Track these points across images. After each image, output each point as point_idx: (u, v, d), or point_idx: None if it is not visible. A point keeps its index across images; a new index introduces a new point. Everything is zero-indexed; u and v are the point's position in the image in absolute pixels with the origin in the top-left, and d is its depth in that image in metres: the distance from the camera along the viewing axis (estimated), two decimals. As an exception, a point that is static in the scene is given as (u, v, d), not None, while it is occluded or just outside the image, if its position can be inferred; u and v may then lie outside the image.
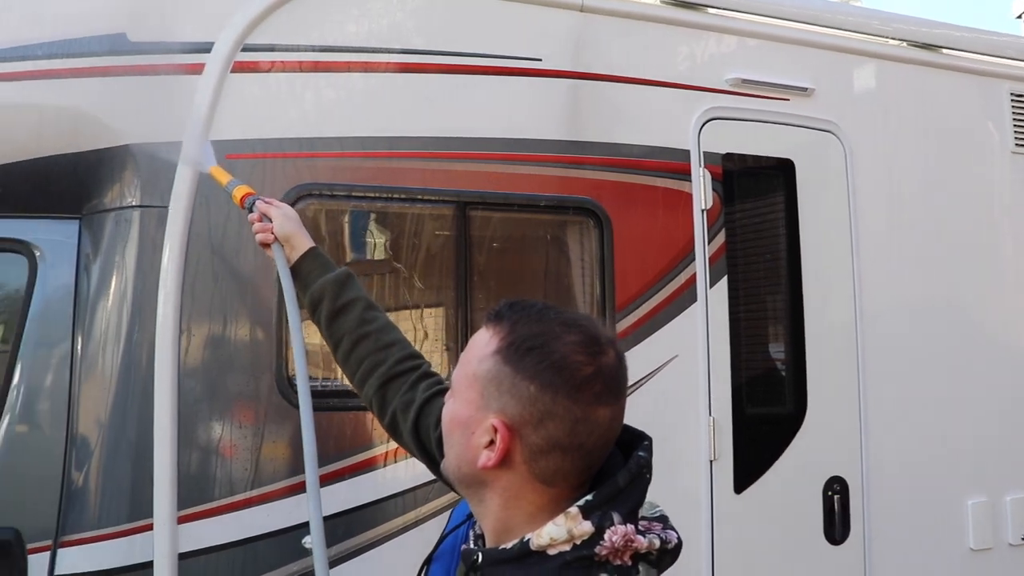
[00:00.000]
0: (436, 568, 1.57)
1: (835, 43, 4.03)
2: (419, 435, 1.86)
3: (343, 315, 2.06)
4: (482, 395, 1.34)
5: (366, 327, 2.03)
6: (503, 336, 1.35)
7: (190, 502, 2.86)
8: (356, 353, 2.01)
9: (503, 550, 1.34)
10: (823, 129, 3.90)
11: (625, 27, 3.58)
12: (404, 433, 1.90)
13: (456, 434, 1.39)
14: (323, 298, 2.08)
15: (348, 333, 2.04)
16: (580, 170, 3.40)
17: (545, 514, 1.33)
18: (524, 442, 1.32)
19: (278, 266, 2.19)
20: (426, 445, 1.85)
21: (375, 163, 3.16)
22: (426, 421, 1.85)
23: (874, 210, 3.97)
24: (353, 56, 3.18)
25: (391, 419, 1.94)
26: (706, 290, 3.55)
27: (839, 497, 3.73)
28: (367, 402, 2.02)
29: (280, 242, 2.19)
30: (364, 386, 2.00)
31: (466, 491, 1.42)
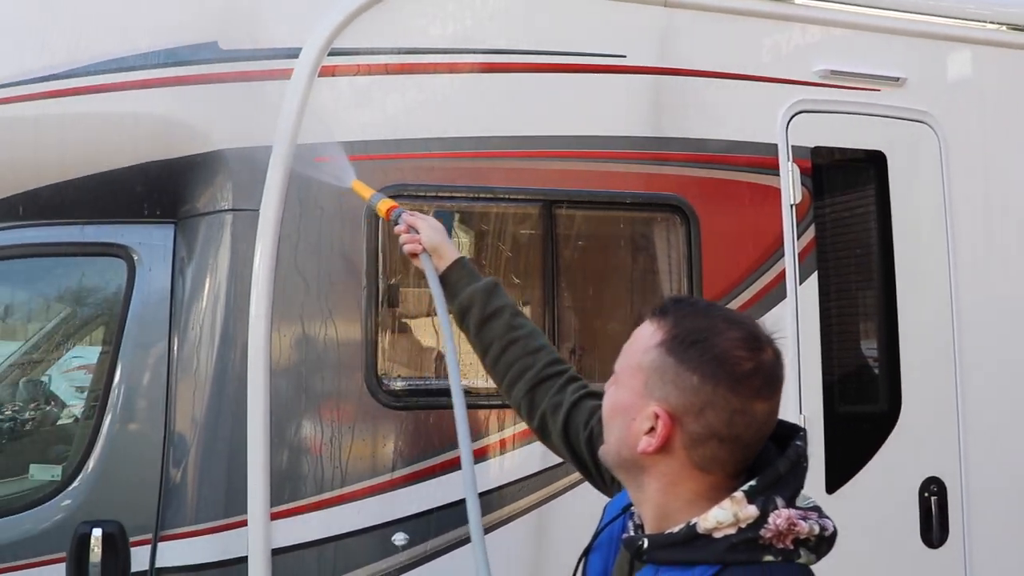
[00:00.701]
0: (594, 559, 1.64)
1: (927, 30, 3.91)
2: (568, 436, 1.96)
3: (492, 322, 2.17)
4: (645, 384, 1.41)
5: (514, 333, 2.14)
6: (668, 329, 1.42)
7: (282, 499, 2.92)
8: (505, 358, 2.13)
9: (669, 534, 1.39)
10: (916, 120, 3.78)
11: (709, 21, 3.53)
12: (553, 434, 2.00)
13: (617, 420, 1.47)
14: (472, 305, 2.19)
15: (497, 339, 2.15)
16: (666, 167, 3.37)
17: (703, 501, 1.39)
18: (684, 430, 1.39)
19: (427, 275, 2.30)
20: (575, 445, 1.95)
21: (461, 163, 3.18)
22: (575, 422, 1.94)
23: (971, 203, 3.84)
24: (437, 57, 3.21)
25: (540, 420, 2.04)
26: (796, 286, 3.48)
27: (936, 499, 3.62)
28: (515, 404, 2.12)
29: (428, 252, 2.32)
30: (513, 389, 2.11)
31: (625, 475, 1.49)
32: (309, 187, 3.01)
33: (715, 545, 1.35)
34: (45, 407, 3.19)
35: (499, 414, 3.11)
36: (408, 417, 3.05)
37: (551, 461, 3.14)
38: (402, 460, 3.03)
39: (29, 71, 2.99)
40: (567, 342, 3.23)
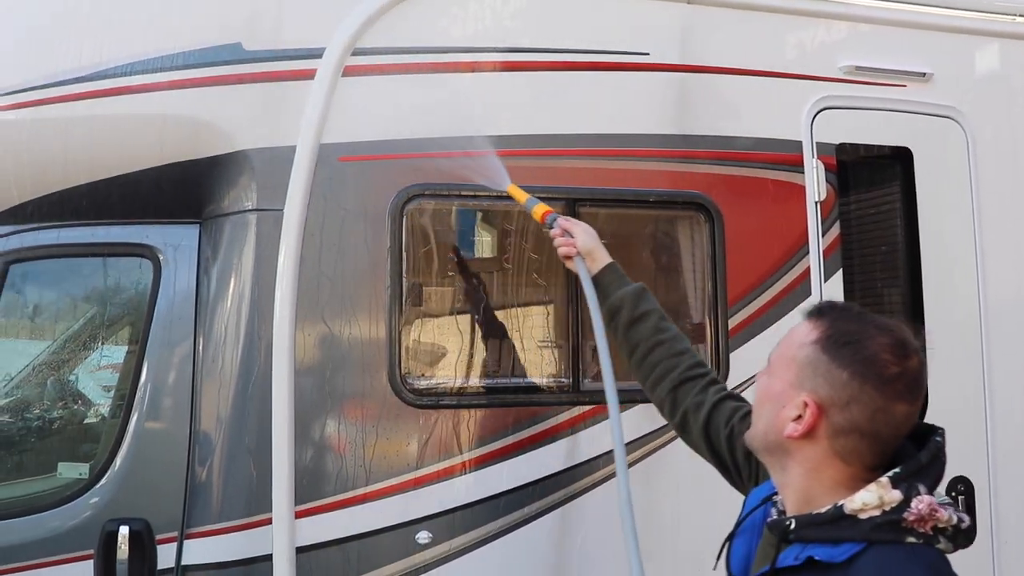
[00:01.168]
0: (738, 544, 1.79)
1: (954, 24, 3.86)
2: (709, 432, 2.13)
3: (640, 323, 2.34)
4: (797, 375, 1.59)
5: (661, 335, 2.31)
6: (823, 330, 1.59)
7: (307, 498, 2.93)
8: (651, 358, 2.30)
9: (817, 514, 1.55)
10: (943, 115, 3.75)
11: (733, 17, 3.52)
12: (694, 430, 2.17)
13: (768, 406, 1.65)
14: (622, 307, 2.36)
15: (644, 340, 2.32)
16: (690, 164, 3.36)
17: (843, 489, 1.56)
18: (829, 420, 1.56)
19: (581, 277, 2.46)
20: (714, 442, 2.12)
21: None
22: (716, 420, 2.12)
23: (999, 199, 3.79)
24: (460, 56, 3.21)
25: (681, 417, 2.21)
26: (820, 284, 3.46)
27: (964, 498, 3.58)
28: (658, 401, 2.30)
29: (582, 256, 2.49)
30: (657, 387, 2.28)
31: (770, 459, 1.68)
32: (333, 187, 3.02)
33: (861, 525, 1.50)
34: (72, 406, 3.22)
35: (523, 412, 3.11)
36: (432, 416, 3.06)
37: (577, 459, 3.14)
38: (426, 458, 3.04)
39: (56, 74, 3.01)
40: (591, 341, 3.22)
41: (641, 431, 3.20)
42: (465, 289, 3.20)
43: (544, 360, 3.19)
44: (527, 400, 3.14)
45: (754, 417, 1.71)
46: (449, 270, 3.20)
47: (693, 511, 3.26)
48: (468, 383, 3.13)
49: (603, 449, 3.16)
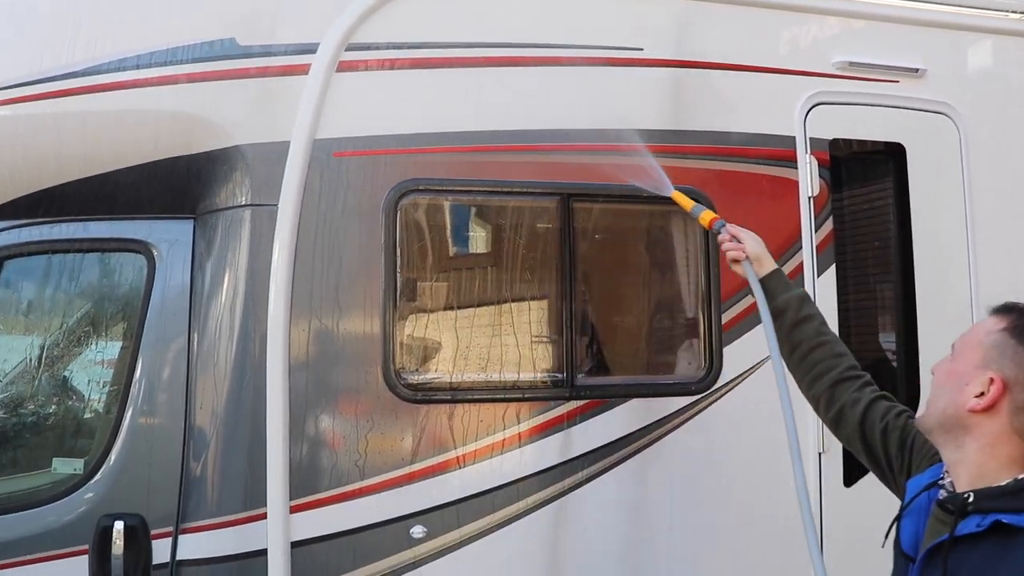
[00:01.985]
0: (906, 523, 1.90)
1: (947, 20, 3.87)
2: (864, 427, 2.24)
3: (804, 325, 2.48)
4: (984, 358, 1.77)
5: (822, 337, 2.46)
6: (1012, 320, 1.78)
7: (302, 492, 2.94)
8: (811, 357, 2.43)
9: (998, 487, 1.70)
10: (936, 111, 3.76)
11: (727, 13, 3.52)
12: (849, 425, 2.28)
13: (950, 385, 1.82)
14: (787, 309, 2.51)
15: (807, 340, 2.46)
16: (684, 159, 3.36)
17: (1017, 466, 1.72)
18: (1012, 397, 1.73)
19: (750, 279, 2.61)
20: (868, 436, 2.24)
21: (479, 157, 3.19)
22: (872, 417, 2.23)
23: (992, 195, 3.80)
24: (454, 52, 3.21)
25: (837, 412, 2.32)
26: (813, 279, 3.47)
27: (953, 492, 3.60)
28: (814, 396, 2.41)
29: (750, 260, 2.62)
30: (815, 384, 2.40)
31: (945, 436, 1.82)
32: (327, 182, 3.03)
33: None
34: (67, 402, 3.22)
35: (517, 407, 3.12)
36: (426, 411, 3.07)
37: (571, 453, 3.15)
38: (420, 453, 3.04)
39: (50, 69, 3.01)
40: (584, 335, 3.23)
41: (632, 428, 3.21)
42: (459, 284, 3.20)
43: (538, 355, 3.19)
44: (521, 395, 3.14)
45: (931, 399, 1.88)
46: (443, 266, 3.21)
47: (686, 509, 3.27)
48: (462, 378, 3.13)
49: (597, 444, 3.17)
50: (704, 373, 3.31)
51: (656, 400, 3.25)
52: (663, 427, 3.24)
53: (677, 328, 3.42)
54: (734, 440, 3.34)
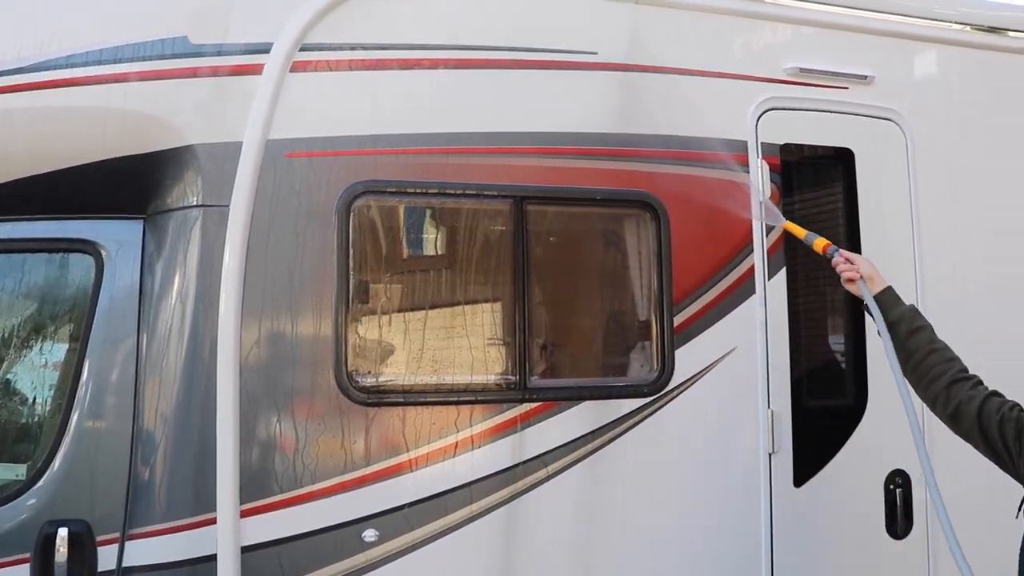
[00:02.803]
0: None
1: (895, 29, 3.95)
2: (981, 420, 2.49)
3: (917, 334, 2.75)
4: None
5: (934, 345, 2.72)
6: None
7: (252, 496, 2.91)
8: (927, 362, 2.69)
9: None
10: (883, 118, 3.83)
11: (680, 18, 3.56)
12: (966, 420, 2.54)
13: None
14: (901, 321, 2.79)
15: (921, 348, 2.72)
16: (637, 163, 3.38)
17: None
18: None
19: (865, 297, 2.87)
20: (986, 428, 2.48)
21: (433, 159, 3.19)
22: (988, 410, 2.49)
23: (937, 200, 3.88)
24: (410, 53, 3.20)
25: (955, 409, 2.57)
26: (764, 282, 3.51)
27: (901, 491, 3.67)
28: (931, 397, 2.67)
29: (864, 279, 2.89)
30: (932, 385, 2.66)
31: None
32: (279, 183, 3.00)
33: None
34: (9, 405, 3.15)
35: (470, 410, 3.12)
36: (378, 413, 3.05)
37: (524, 456, 3.16)
38: (372, 456, 3.03)
39: (-2, 64, 2.95)
40: (538, 338, 3.24)
41: (585, 430, 3.23)
42: (412, 287, 3.19)
43: (491, 358, 3.20)
44: (474, 398, 3.14)
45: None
46: (396, 268, 3.20)
47: (638, 511, 3.29)
48: (415, 381, 3.12)
49: (550, 446, 3.18)
50: (656, 375, 3.33)
51: (608, 402, 3.27)
52: (615, 429, 3.26)
53: (629, 331, 3.44)
54: (686, 442, 3.37)
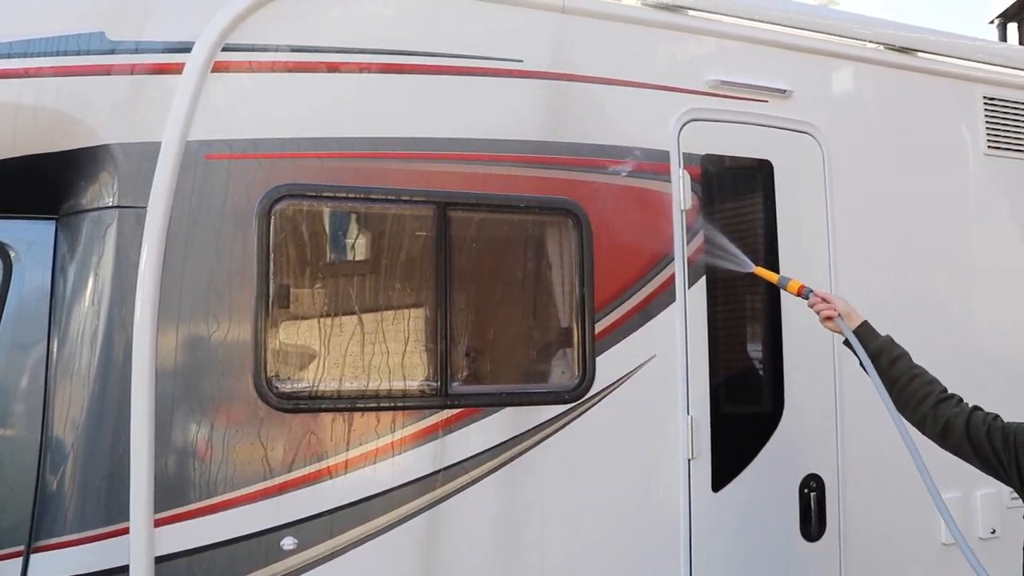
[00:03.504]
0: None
1: (813, 46, 4.06)
2: (969, 433, 2.76)
3: (898, 362, 3.00)
4: None
5: (914, 371, 2.98)
6: None
7: (167, 505, 2.84)
8: (910, 387, 2.94)
9: None
10: (801, 131, 3.92)
11: (606, 29, 3.59)
12: (955, 435, 2.80)
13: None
14: (882, 352, 3.04)
15: (904, 374, 2.97)
16: (560, 171, 3.41)
17: None
18: None
19: (846, 332, 3.11)
20: (974, 439, 2.75)
21: (356, 164, 3.16)
22: (974, 423, 2.76)
23: (851, 211, 4.00)
24: (334, 56, 3.18)
25: (943, 427, 2.83)
26: (685, 290, 3.56)
27: (815, 494, 3.76)
28: (919, 418, 2.91)
29: (841, 316, 3.13)
30: (919, 407, 2.90)
31: None
32: (198, 185, 2.95)
33: None
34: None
35: (392, 416, 3.10)
36: (299, 419, 3.02)
37: (445, 462, 3.15)
38: (292, 463, 2.99)
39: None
40: (460, 344, 3.24)
41: (506, 436, 3.24)
42: (334, 292, 3.16)
43: (412, 364, 3.18)
44: (395, 404, 3.12)
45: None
46: (318, 272, 3.16)
47: (560, 517, 3.31)
48: (336, 387, 3.09)
49: (471, 452, 3.18)
50: (577, 382, 3.35)
51: (530, 409, 3.28)
52: (537, 435, 3.27)
53: (551, 337, 3.46)
54: (607, 448, 3.40)
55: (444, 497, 3.16)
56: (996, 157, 4.46)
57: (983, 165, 4.44)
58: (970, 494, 4.17)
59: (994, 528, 4.20)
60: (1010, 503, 4.27)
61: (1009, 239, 4.52)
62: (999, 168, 4.48)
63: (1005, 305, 4.45)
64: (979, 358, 4.32)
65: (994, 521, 4.21)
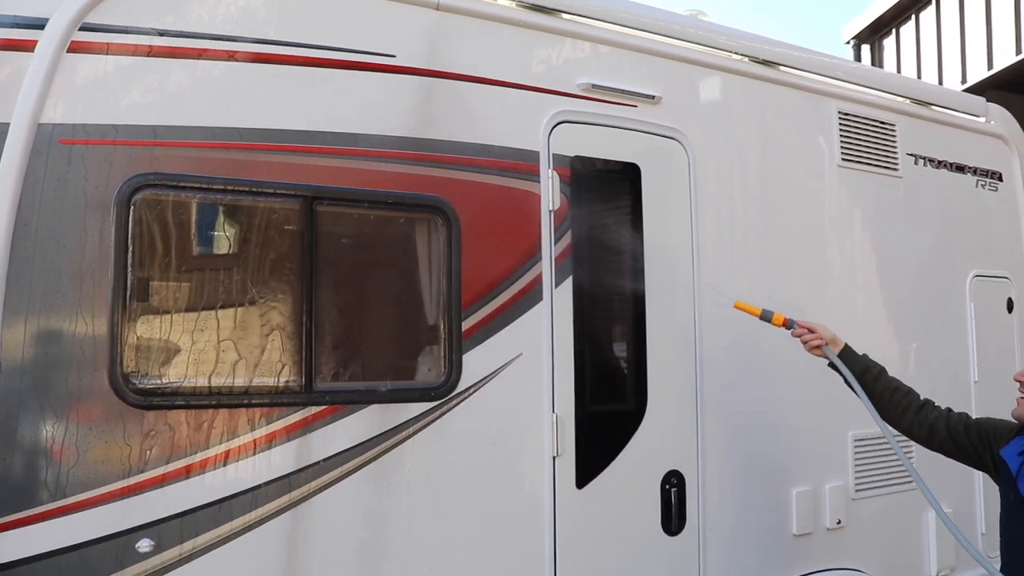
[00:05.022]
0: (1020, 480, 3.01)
1: (682, 54, 4.18)
2: (951, 432, 3.28)
3: (879, 380, 3.46)
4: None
5: (895, 383, 3.46)
6: None
7: (12, 508, 2.71)
8: (894, 399, 3.41)
9: None
10: (668, 136, 4.03)
11: (480, 28, 3.61)
12: (940, 435, 3.30)
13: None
14: (865, 373, 3.47)
15: (886, 389, 3.43)
16: (430, 168, 3.40)
17: None
18: None
19: (832, 359, 3.50)
20: (955, 437, 3.27)
21: (221, 154, 3.07)
22: (953, 423, 3.29)
23: (715, 216, 4.14)
24: (203, 43, 3.08)
25: (928, 430, 3.33)
26: (551, 290, 3.61)
27: (676, 490, 3.88)
28: (906, 425, 3.38)
29: (828, 344, 3.51)
30: (904, 414, 3.38)
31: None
32: (51, 171, 2.82)
33: None
34: None
35: (254, 412, 3.04)
36: (157, 417, 2.92)
37: (309, 460, 3.11)
38: (149, 462, 2.89)
39: None
40: (325, 340, 3.19)
41: (371, 433, 3.22)
42: (196, 286, 3.06)
43: (276, 360, 3.11)
44: (258, 401, 3.06)
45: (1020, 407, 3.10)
46: (180, 265, 3.05)
47: (425, 515, 3.31)
48: (196, 383, 2.99)
49: (336, 450, 3.15)
50: (443, 379, 3.36)
51: (396, 406, 3.26)
52: (402, 433, 3.26)
53: (418, 335, 3.44)
54: (472, 446, 3.42)
55: (308, 495, 3.11)
56: (848, 169, 4.71)
57: (837, 176, 4.68)
58: (819, 488, 4.39)
59: (839, 519, 4.43)
60: (855, 495, 4.52)
61: (859, 246, 4.78)
62: (850, 179, 4.72)
63: (855, 305, 4.71)
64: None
65: (840, 512, 4.44)
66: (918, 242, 5.04)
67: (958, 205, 5.28)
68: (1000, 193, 5.54)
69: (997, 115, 5.68)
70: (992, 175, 5.50)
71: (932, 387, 4.94)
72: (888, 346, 4.81)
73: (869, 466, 4.61)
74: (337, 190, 3.24)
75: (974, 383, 5.12)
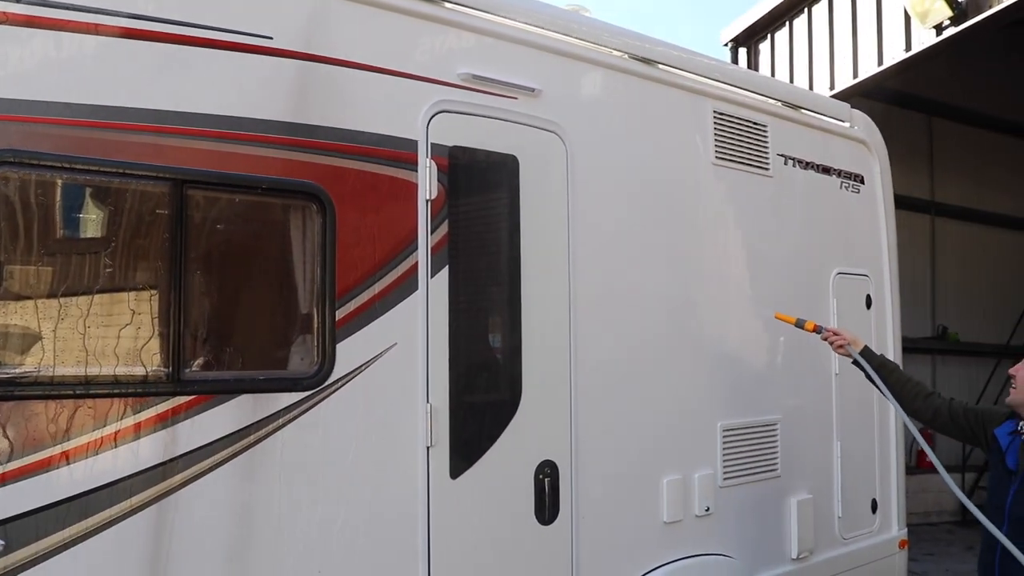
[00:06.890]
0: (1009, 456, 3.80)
1: (563, 48, 4.23)
2: (953, 416, 4.07)
3: (894, 373, 4.27)
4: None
5: (906, 376, 4.26)
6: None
7: None
8: (906, 389, 4.20)
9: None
10: (547, 129, 4.07)
11: (361, 13, 3.56)
12: (942, 416, 4.10)
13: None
14: (882, 368, 4.27)
15: (900, 381, 4.22)
16: (305, 153, 3.33)
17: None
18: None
19: (856, 358, 4.28)
20: (957, 419, 4.07)
21: (84, 132, 2.93)
22: (955, 409, 4.09)
23: (591, 209, 4.21)
24: (65, 14, 2.93)
25: (933, 414, 4.13)
26: (427, 279, 3.60)
27: (549, 480, 3.93)
28: (914, 409, 4.18)
29: (851, 344, 4.31)
30: (915, 400, 4.17)
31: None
32: None
33: None
34: None
35: (119, 403, 2.92)
36: (11, 408, 2.77)
37: (176, 451, 3.02)
38: (4, 456, 2.74)
39: None
40: (194, 328, 3.09)
41: (241, 424, 3.14)
42: (58, 270, 2.92)
43: (142, 348, 3.00)
44: (122, 391, 2.94)
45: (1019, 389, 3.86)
46: (40, 248, 2.90)
47: (297, 504, 3.26)
48: (54, 372, 2.85)
49: (204, 441, 3.06)
50: (316, 369, 3.30)
51: (267, 396, 3.20)
52: (274, 423, 3.20)
53: (291, 323, 3.38)
54: (345, 436, 3.38)
55: (175, 488, 3.02)
56: (721, 167, 4.86)
57: (711, 173, 4.82)
58: (689, 476, 4.53)
59: (708, 506, 4.58)
60: (722, 483, 4.68)
61: (731, 242, 4.94)
62: (724, 177, 4.88)
63: (727, 298, 4.87)
64: (708, 355, 4.70)
65: (708, 500, 4.59)
66: (786, 239, 5.25)
67: (824, 205, 5.53)
68: (862, 195, 5.83)
69: (860, 121, 5.97)
70: (855, 178, 5.78)
71: (798, 378, 5.20)
72: (757, 339, 5.01)
73: (736, 455, 4.78)
74: (209, 174, 3.14)
75: (835, 375, 5.37)
